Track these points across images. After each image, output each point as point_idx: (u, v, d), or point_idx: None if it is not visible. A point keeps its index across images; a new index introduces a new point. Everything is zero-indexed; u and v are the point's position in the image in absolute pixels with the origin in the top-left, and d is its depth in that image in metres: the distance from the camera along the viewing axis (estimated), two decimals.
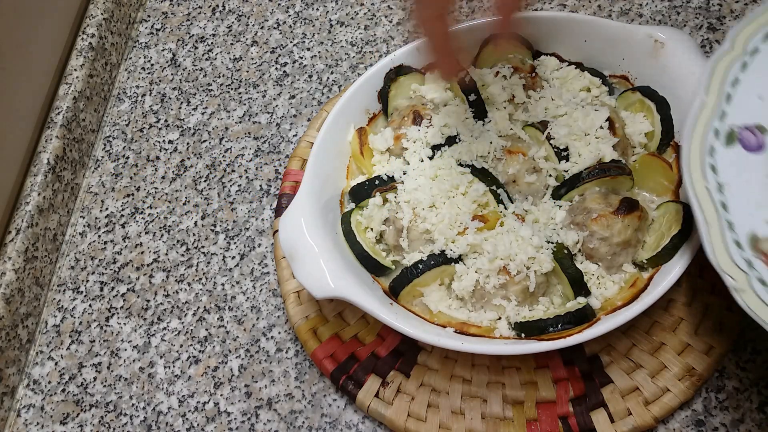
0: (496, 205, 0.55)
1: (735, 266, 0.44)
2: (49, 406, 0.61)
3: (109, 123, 0.76)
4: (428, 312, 0.54)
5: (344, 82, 0.74)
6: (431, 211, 0.55)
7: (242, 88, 0.76)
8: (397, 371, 0.56)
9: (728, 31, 0.52)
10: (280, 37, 0.78)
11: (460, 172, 0.56)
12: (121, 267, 0.67)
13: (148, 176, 0.72)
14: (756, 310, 0.43)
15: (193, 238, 0.67)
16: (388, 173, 0.59)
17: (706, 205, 0.46)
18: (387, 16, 0.77)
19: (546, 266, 0.52)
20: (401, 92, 0.62)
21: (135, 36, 0.82)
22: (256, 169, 0.70)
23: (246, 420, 0.58)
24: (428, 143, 0.59)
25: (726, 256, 0.45)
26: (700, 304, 0.55)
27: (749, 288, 0.43)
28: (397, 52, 0.62)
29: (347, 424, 0.57)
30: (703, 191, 0.46)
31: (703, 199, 0.46)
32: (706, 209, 0.46)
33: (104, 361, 0.62)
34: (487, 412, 0.54)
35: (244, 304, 0.63)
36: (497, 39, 0.62)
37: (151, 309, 0.64)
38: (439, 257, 0.53)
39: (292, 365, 0.60)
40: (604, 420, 0.52)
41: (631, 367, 0.54)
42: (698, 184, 0.47)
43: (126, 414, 0.60)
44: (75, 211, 0.71)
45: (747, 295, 0.43)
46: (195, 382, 0.60)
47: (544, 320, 0.50)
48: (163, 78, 0.78)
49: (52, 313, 0.65)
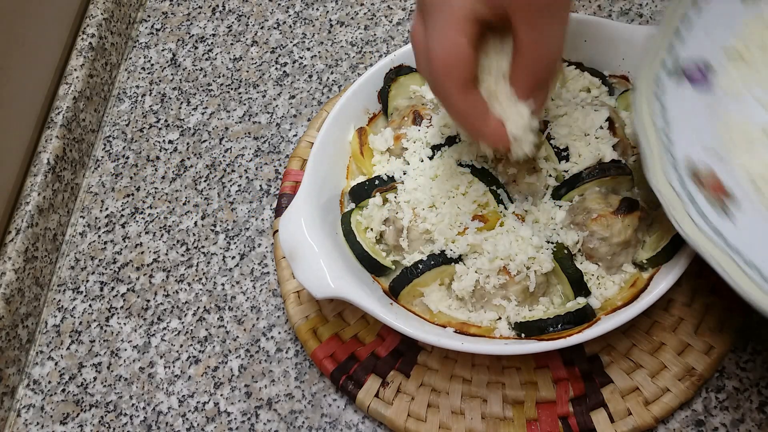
0: (496, 205, 0.55)
1: (670, 187, 0.46)
2: (49, 406, 0.61)
3: (109, 123, 0.76)
4: (428, 312, 0.54)
5: (344, 82, 0.74)
6: (431, 211, 0.55)
7: (242, 88, 0.76)
8: (397, 371, 0.56)
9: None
10: (280, 37, 0.78)
11: (460, 172, 0.56)
12: (121, 267, 0.67)
13: (148, 176, 0.72)
14: (690, 234, 0.45)
15: (193, 238, 0.67)
16: (388, 173, 0.59)
17: (650, 130, 0.48)
18: (387, 16, 0.77)
19: (546, 266, 0.52)
20: (401, 92, 0.62)
21: (135, 36, 0.82)
22: (256, 169, 0.70)
23: (246, 420, 0.58)
24: (428, 143, 0.59)
25: (662, 176, 0.47)
26: (700, 304, 0.55)
27: (683, 211, 0.45)
28: (397, 52, 0.62)
29: (347, 424, 0.57)
30: (648, 118, 0.48)
31: (648, 125, 0.48)
32: (649, 133, 0.48)
33: (104, 361, 0.62)
34: (487, 412, 0.54)
35: (244, 304, 0.63)
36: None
37: (151, 309, 0.64)
38: (439, 257, 0.53)
39: (292, 365, 0.60)
40: (604, 420, 0.52)
41: (631, 367, 0.54)
42: (644, 111, 0.49)
43: (126, 414, 0.60)
44: (75, 211, 0.71)
45: (678, 214, 0.45)
46: (195, 382, 0.60)
47: (544, 320, 0.51)
48: (163, 78, 0.78)
49: (52, 313, 0.65)
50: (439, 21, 0.41)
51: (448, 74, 0.42)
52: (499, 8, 0.41)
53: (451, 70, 0.42)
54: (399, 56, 0.62)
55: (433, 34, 0.42)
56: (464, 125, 0.47)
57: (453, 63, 0.42)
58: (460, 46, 0.41)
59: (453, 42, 0.41)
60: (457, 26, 0.41)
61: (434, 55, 0.42)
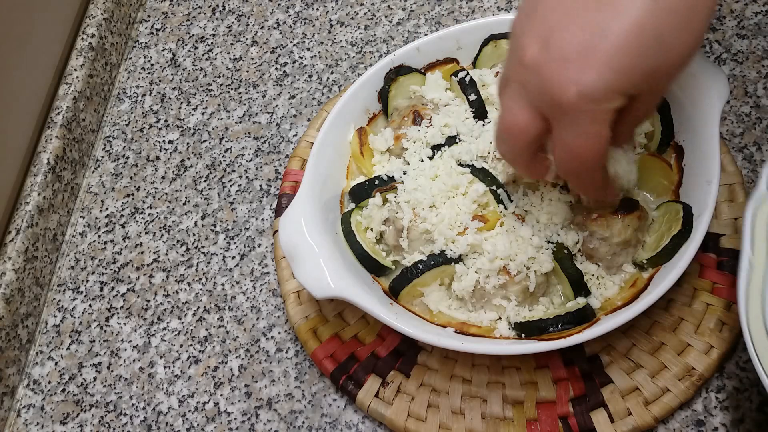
0: (496, 205, 0.55)
1: (765, 331, 0.43)
2: (49, 406, 0.61)
3: (109, 123, 0.76)
4: (428, 312, 0.54)
5: (344, 82, 0.74)
6: (431, 211, 0.55)
7: (242, 88, 0.76)
8: (397, 371, 0.56)
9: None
10: (280, 37, 0.78)
11: (460, 172, 0.56)
12: (121, 267, 0.67)
13: (148, 176, 0.72)
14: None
15: (193, 238, 0.67)
16: (388, 173, 0.59)
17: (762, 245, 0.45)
18: (387, 16, 0.77)
19: (546, 266, 0.52)
20: (401, 92, 0.62)
21: (135, 36, 0.82)
22: (256, 169, 0.70)
23: (246, 420, 0.58)
24: (428, 143, 0.59)
25: (760, 316, 0.44)
26: (700, 304, 0.55)
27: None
28: (397, 52, 0.62)
29: (347, 424, 0.57)
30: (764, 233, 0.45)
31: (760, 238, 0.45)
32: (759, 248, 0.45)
33: (104, 361, 0.62)
34: (487, 412, 0.54)
35: (244, 304, 0.63)
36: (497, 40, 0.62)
37: (151, 309, 0.64)
38: (439, 257, 0.53)
39: (292, 365, 0.60)
40: (604, 420, 0.52)
41: (631, 367, 0.54)
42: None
43: (126, 414, 0.60)
44: (75, 211, 0.71)
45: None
46: (195, 382, 0.60)
47: (544, 320, 0.50)
48: (163, 78, 0.78)
49: (52, 313, 0.65)
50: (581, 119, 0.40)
51: (594, 168, 0.43)
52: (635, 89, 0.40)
53: (596, 163, 0.43)
54: (399, 56, 0.62)
55: (573, 130, 0.41)
56: (593, 196, 0.51)
57: (598, 156, 0.42)
58: (603, 139, 0.41)
59: (598, 136, 0.41)
60: (603, 122, 0.40)
61: (577, 152, 0.42)
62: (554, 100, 0.39)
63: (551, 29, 0.39)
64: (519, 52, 0.41)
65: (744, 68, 0.66)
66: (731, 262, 0.56)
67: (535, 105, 0.41)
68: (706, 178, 0.51)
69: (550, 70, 0.39)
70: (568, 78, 0.38)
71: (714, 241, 0.57)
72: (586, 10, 0.38)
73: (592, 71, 0.38)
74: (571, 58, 0.38)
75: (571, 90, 0.38)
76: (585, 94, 0.38)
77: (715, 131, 0.52)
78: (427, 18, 0.76)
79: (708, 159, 0.52)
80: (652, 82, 0.40)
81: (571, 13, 0.39)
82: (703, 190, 0.51)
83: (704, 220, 0.50)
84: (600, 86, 0.38)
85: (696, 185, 0.53)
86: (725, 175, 0.59)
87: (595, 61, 0.38)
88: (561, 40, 0.39)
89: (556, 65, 0.39)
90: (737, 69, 0.66)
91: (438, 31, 0.63)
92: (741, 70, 0.66)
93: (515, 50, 0.42)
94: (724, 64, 0.67)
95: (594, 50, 0.38)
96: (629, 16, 0.37)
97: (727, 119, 0.64)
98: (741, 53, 0.67)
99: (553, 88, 0.39)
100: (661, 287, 0.49)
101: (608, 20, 0.38)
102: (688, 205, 0.52)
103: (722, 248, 0.57)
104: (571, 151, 0.42)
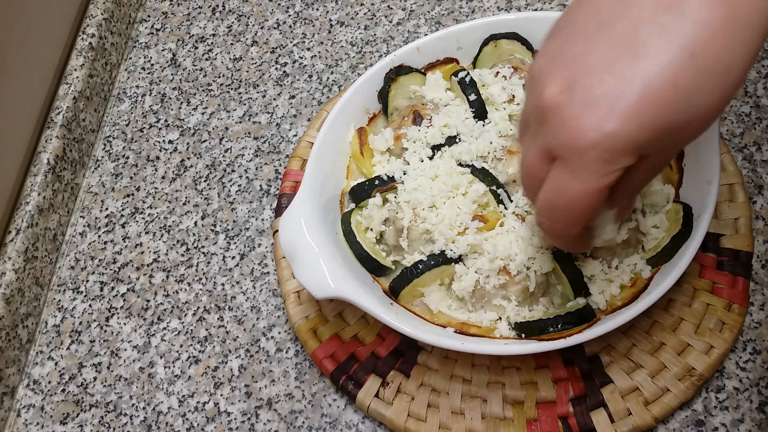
0: (496, 205, 0.55)
1: None
2: (49, 406, 0.61)
3: (109, 123, 0.76)
4: (428, 312, 0.54)
5: (344, 82, 0.74)
6: (431, 211, 0.55)
7: (242, 88, 0.76)
8: (397, 371, 0.56)
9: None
10: (280, 37, 0.78)
11: (460, 172, 0.56)
12: (121, 267, 0.67)
13: (148, 176, 0.72)
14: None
15: (193, 238, 0.67)
16: (388, 173, 0.59)
17: None
18: (387, 16, 0.77)
19: (546, 266, 0.52)
20: (401, 92, 0.62)
21: (135, 36, 0.82)
22: (256, 169, 0.70)
23: (246, 420, 0.58)
24: (428, 143, 0.59)
25: None
26: (700, 304, 0.55)
27: None
28: (397, 52, 0.62)
29: (347, 424, 0.57)
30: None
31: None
32: None
33: (104, 361, 0.62)
34: (487, 412, 0.54)
35: (244, 304, 0.63)
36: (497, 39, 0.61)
37: (151, 309, 0.64)
38: (439, 257, 0.53)
39: (292, 365, 0.60)
40: (604, 420, 0.52)
41: (631, 367, 0.54)
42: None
43: (126, 414, 0.60)
44: (75, 211, 0.71)
45: None
46: (195, 382, 0.60)
47: (544, 320, 0.51)
48: (163, 78, 0.78)
49: (52, 313, 0.65)
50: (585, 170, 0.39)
51: (576, 222, 0.41)
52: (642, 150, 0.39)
53: (581, 218, 0.41)
54: (399, 56, 0.62)
55: (575, 175, 0.39)
56: (560, 245, 0.50)
57: (586, 211, 0.40)
58: (599, 196, 0.39)
59: (596, 191, 0.39)
60: (608, 178, 0.38)
61: (567, 197, 0.40)
62: (569, 143, 0.37)
63: (578, 72, 0.38)
64: (540, 93, 0.39)
65: None
66: (731, 262, 0.56)
67: (548, 146, 0.39)
68: (706, 178, 0.51)
69: (571, 111, 0.37)
70: (590, 122, 0.36)
71: (714, 241, 0.57)
72: (618, 58, 0.37)
73: (616, 120, 0.36)
74: (597, 103, 0.36)
75: (590, 135, 0.36)
76: (603, 143, 0.36)
77: (715, 131, 0.52)
78: (427, 18, 0.76)
79: (708, 159, 0.52)
80: (670, 141, 0.38)
81: (603, 59, 0.37)
82: (703, 190, 0.51)
83: (704, 220, 0.50)
84: (621, 137, 0.36)
85: (696, 185, 0.53)
86: (725, 175, 0.59)
87: (622, 111, 0.36)
88: (588, 84, 0.37)
89: (580, 108, 0.37)
90: None
91: (438, 31, 0.63)
92: None
93: (536, 91, 0.39)
94: None
95: (623, 99, 0.36)
96: (663, 69, 0.35)
97: (727, 119, 0.64)
98: None
99: (571, 130, 0.37)
100: (661, 287, 0.49)
101: (640, 70, 0.36)
102: (688, 205, 0.52)
103: (722, 248, 0.57)
104: (561, 194, 0.39)
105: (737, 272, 0.55)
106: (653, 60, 0.36)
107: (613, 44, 0.37)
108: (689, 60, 0.35)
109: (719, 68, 0.36)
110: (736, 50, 0.36)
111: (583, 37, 0.38)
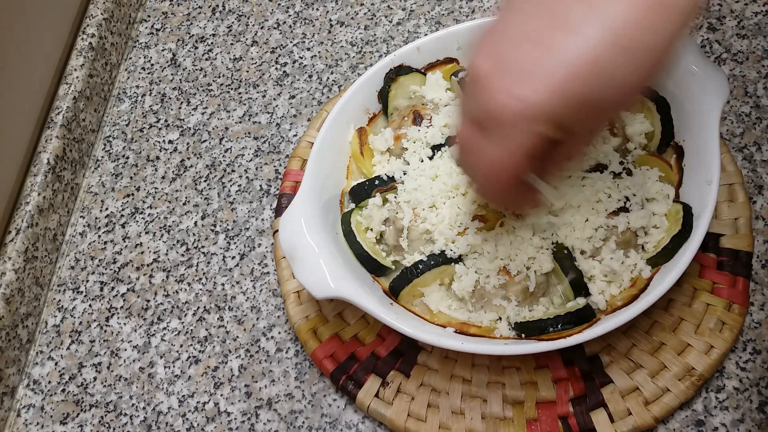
0: None
1: None
2: (49, 406, 0.61)
3: (109, 123, 0.76)
4: (428, 312, 0.54)
5: (344, 82, 0.74)
6: (431, 211, 0.55)
7: (242, 88, 0.76)
8: (397, 371, 0.56)
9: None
10: (280, 37, 0.78)
11: (460, 172, 0.56)
12: (121, 267, 0.67)
13: (148, 176, 0.72)
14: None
15: (193, 238, 0.67)
16: (388, 173, 0.59)
17: None
18: (387, 16, 0.77)
19: (546, 266, 0.52)
20: (401, 92, 0.62)
21: (135, 36, 0.82)
22: (256, 169, 0.70)
23: (246, 420, 0.58)
24: (428, 143, 0.59)
25: None
26: (700, 304, 0.55)
27: None
28: (397, 52, 0.62)
29: (347, 424, 0.57)
30: None
31: None
32: None
33: (104, 361, 0.62)
34: (487, 412, 0.54)
35: (244, 304, 0.63)
36: None
37: (151, 309, 0.64)
38: (439, 257, 0.53)
39: (292, 365, 0.60)
40: (604, 420, 0.52)
41: (631, 367, 0.54)
42: None
43: (126, 414, 0.60)
44: (75, 211, 0.71)
45: None
46: (195, 382, 0.60)
47: (544, 320, 0.51)
48: (163, 78, 0.78)
49: (52, 313, 0.65)
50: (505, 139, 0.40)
51: (500, 183, 0.43)
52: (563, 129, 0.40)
53: (505, 182, 0.42)
54: (399, 56, 0.62)
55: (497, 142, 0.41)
56: (499, 207, 0.53)
57: (508, 176, 0.42)
58: (521, 161, 0.41)
59: (516, 155, 0.40)
60: (528, 143, 0.40)
61: (489, 163, 0.42)
62: (492, 110, 0.39)
63: (508, 46, 0.39)
64: (474, 69, 0.40)
65: (744, 68, 0.66)
66: (731, 262, 0.56)
67: (476, 116, 0.41)
68: (706, 178, 0.51)
69: (497, 82, 0.39)
70: (512, 92, 0.38)
71: (714, 241, 0.57)
72: (545, 32, 0.38)
73: (537, 91, 0.37)
74: (521, 75, 0.38)
75: (511, 103, 0.38)
76: (522, 111, 0.38)
77: (715, 131, 0.52)
78: (427, 18, 0.76)
79: (708, 159, 0.52)
80: (590, 115, 0.39)
81: (531, 33, 0.38)
82: (703, 190, 0.51)
83: (704, 220, 0.50)
84: (540, 107, 0.37)
85: (696, 185, 0.53)
86: (725, 175, 0.59)
87: (539, 79, 0.37)
88: (515, 56, 0.38)
89: (505, 79, 0.38)
90: (737, 69, 0.66)
91: (438, 31, 0.63)
92: (741, 70, 0.66)
93: (471, 68, 0.41)
94: (724, 64, 0.67)
95: (546, 72, 0.37)
96: (587, 45, 0.37)
97: (727, 119, 0.64)
98: (741, 53, 0.67)
99: (494, 99, 0.38)
100: (661, 287, 0.49)
101: (564, 44, 0.37)
102: (688, 205, 0.52)
103: (722, 248, 0.57)
104: (481, 158, 0.41)
105: (737, 272, 0.56)
106: (578, 36, 0.37)
107: (542, 19, 0.38)
108: (613, 38, 0.36)
109: (642, 48, 0.37)
110: (660, 32, 0.37)
111: (517, 14, 0.40)
